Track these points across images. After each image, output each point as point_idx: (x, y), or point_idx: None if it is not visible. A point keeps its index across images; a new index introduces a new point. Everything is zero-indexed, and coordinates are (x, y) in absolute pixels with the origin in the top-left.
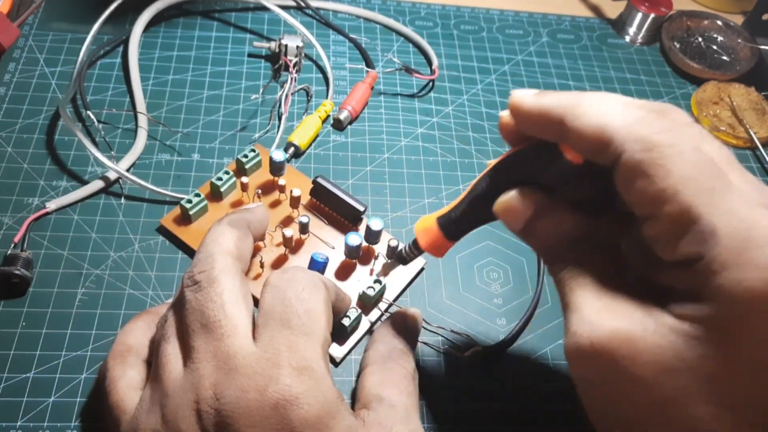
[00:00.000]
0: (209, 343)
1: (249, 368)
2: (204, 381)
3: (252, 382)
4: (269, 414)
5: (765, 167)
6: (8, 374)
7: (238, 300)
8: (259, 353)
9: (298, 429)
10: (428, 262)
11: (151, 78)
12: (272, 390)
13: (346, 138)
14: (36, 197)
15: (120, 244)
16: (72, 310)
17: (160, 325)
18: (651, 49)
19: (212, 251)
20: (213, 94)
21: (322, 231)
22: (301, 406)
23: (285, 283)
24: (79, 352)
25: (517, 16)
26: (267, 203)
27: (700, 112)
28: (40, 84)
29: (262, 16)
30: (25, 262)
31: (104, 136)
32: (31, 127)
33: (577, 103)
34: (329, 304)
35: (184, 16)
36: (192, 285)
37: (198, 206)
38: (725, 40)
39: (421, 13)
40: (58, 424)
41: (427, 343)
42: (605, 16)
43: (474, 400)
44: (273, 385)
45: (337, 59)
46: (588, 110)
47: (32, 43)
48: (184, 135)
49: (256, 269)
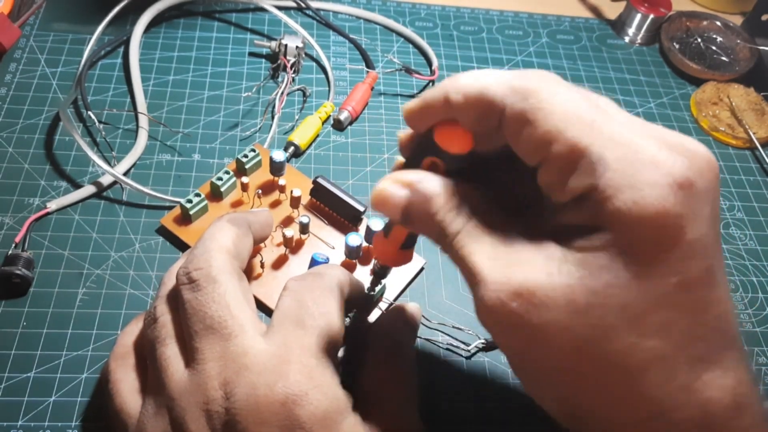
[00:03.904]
0: (215, 344)
1: (260, 365)
2: (212, 381)
3: (262, 378)
4: (278, 410)
5: (764, 167)
6: (9, 374)
7: (242, 299)
8: (271, 351)
9: (307, 426)
10: (428, 261)
11: (152, 78)
12: (281, 386)
13: (346, 138)
14: (37, 197)
15: (120, 244)
16: (73, 309)
17: (149, 324)
18: (650, 49)
19: (209, 247)
20: (213, 94)
21: (323, 231)
22: (310, 403)
23: (303, 288)
24: (80, 352)
25: (517, 17)
26: (267, 203)
27: (699, 112)
28: (40, 84)
29: (262, 16)
30: (26, 262)
31: (105, 137)
32: (31, 127)
33: (455, 79)
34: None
35: (184, 17)
36: (188, 283)
37: (198, 206)
38: (724, 41)
39: (421, 14)
40: (58, 423)
41: (429, 339)
42: (604, 16)
43: (474, 397)
44: (283, 381)
45: (337, 60)
46: (466, 82)
47: (33, 44)
48: (185, 135)
49: (257, 269)
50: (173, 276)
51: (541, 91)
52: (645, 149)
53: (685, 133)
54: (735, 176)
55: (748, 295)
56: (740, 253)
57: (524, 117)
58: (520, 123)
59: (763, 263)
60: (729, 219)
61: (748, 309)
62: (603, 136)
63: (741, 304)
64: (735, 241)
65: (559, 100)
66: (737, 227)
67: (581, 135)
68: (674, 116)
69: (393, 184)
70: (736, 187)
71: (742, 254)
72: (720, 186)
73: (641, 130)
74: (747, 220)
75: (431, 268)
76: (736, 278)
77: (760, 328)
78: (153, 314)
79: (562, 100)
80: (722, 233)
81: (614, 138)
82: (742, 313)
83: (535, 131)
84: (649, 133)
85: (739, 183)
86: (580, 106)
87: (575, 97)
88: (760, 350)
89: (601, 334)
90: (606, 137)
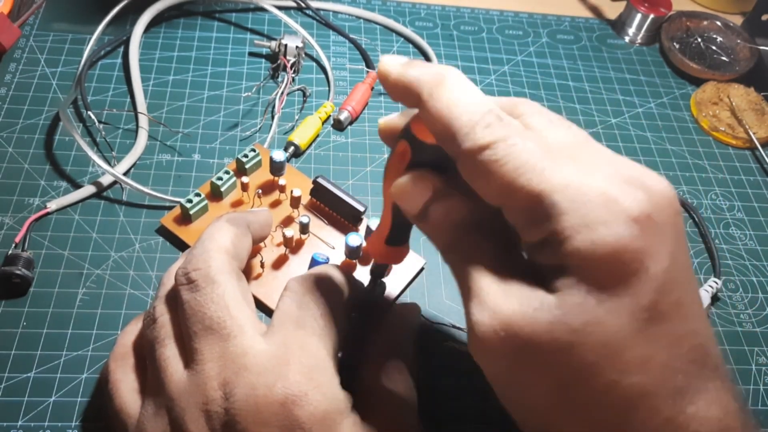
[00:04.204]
0: (214, 344)
1: (260, 366)
2: (211, 382)
3: (262, 378)
4: (277, 410)
5: (764, 167)
6: (9, 374)
7: (240, 300)
8: (271, 351)
9: (306, 426)
10: (428, 261)
11: (152, 78)
12: (281, 386)
13: (346, 138)
14: (37, 197)
15: (120, 244)
16: (73, 310)
17: (149, 325)
18: (650, 49)
19: (208, 247)
20: (213, 94)
21: (323, 231)
22: (310, 403)
23: (304, 289)
24: (80, 352)
25: (517, 17)
26: (267, 203)
27: (699, 112)
28: (40, 84)
29: (262, 16)
30: (26, 262)
31: (105, 137)
32: (31, 127)
33: (437, 83)
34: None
35: (184, 17)
36: (187, 284)
37: (198, 206)
38: (724, 41)
39: (421, 14)
40: (58, 423)
41: (429, 339)
42: (605, 16)
43: (474, 397)
44: (282, 381)
45: (338, 60)
46: (443, 95)
47: (33, 44)
48: (185, 135)
49: (257, 269)
50: (172, 276)
51: (498, 143)
52: (598, 188)
53: (685, 134)
54: (735, 176)
55: (748, 295)
56: (740, 253)
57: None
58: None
59: (763, 263)
60: (729, 219)
61: (748, 309)
62: (554, 182)
63: (741, 304)
64: (735, 241)
65: (513, 152)
66: (737, 227)
67: (534, 184)
68: (674, 116)
69: (419, 181)
70: (736, 187)
71: (742, 254)
72: (682, 220)
73: (597, 169)
74: (747, 220)
75: (431, 268)
76: (736, 278)
77: (760, 328)
78: (152, 315)
79: (518, 151)
80: (722, 233)
81: (565, 181)
82: (742, 313)
83: (488, 185)
84: (607, 170)
85: (739, 183)
86: (533, 156)
87: (528, 146)
88: (760, 350)
89: (584, 373)
90: (557, 182)
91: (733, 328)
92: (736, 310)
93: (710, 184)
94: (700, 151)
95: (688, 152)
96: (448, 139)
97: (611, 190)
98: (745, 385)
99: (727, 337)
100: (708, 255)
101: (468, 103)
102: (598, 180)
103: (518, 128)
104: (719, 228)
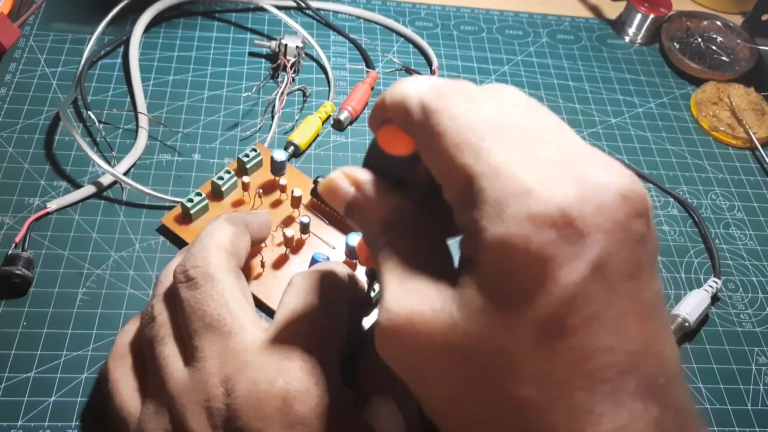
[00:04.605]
0: (215, 342)
1: (261, 361)
2: (213, 378)
3: (264, 374)
4: (279, 406)
5: (764, 167)
6: (9, 374)
7: (240, 297)
8: (273, 347)
9: (308, 422)
10: None
11: (152, 78)
12: (282, 381)
13: (346, 138)
14: (37, 197)
15: (121, 244)
16: (73, 309)
17: (147, 324)
18: (650, 49)
19: (207, 245)
20: (213, 94)
21: (323, 231)
22: (312, 399)
23: (308, 285)
24: (80, 352)
25: (517, 17)
26: (268, 203)
27: (699, 112)
28: (40, 84)
29: (262, 16)
30: (26, 262)
31: (105, 137)
32: (31, 127)
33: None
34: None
35: (184, 17)
36: (186, 281)
37: (199, 205)
38: (724, 41)
39: (421, 14)
40: (58, 423)
41: None
42: (605, 16)
43: None
44: (284, 376)
45: (338, 60)
46: (395, 88)
47: (33, 44)
48: (185, 135)
49: (257, 269)
50: (170, 274)
51: (440, 112)
52: (526, 181)
53: (685, 134)
54: (735, 176)
55: (748, 295)
56: (740, 253)
57: (425, 138)
58: (423, 143)
59: (763, 263)
60: (729, 219)
61: (748, 309)
62: (488, 165)
63: (741, 304)
64: (735, 241)
65: (457, 124)
66: (737, 227)
67: (468, 164)
68: (674, 116)
69: (343, 178)
70: (736, 187)
71: (742, 254)
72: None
73: (544, 158)
74: (747, 220)
75: None
76: (736, 278)
77: (760, 328)
78: (150, 313)
79: (460, 124)
80: (722, 233)
81: (499, 167)
82: (742, 313)
83: (433, 154)
84: (553, 159)
85: (739, 183)
86: (475, 132)
87: (473, 119)
88: (760, 350)
89: (479, 380)
90: (491, 166)
91: (733, 328)
92: (736, 310)
93: (710, 184)
94: (700, 151)
95: (688, 152)
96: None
97: (539, 185)
98: (745, 385)
99: (727, 337)
100: (708, 255)
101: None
102: (533, 171)
103: (468, 104)
104: (719, 228)
